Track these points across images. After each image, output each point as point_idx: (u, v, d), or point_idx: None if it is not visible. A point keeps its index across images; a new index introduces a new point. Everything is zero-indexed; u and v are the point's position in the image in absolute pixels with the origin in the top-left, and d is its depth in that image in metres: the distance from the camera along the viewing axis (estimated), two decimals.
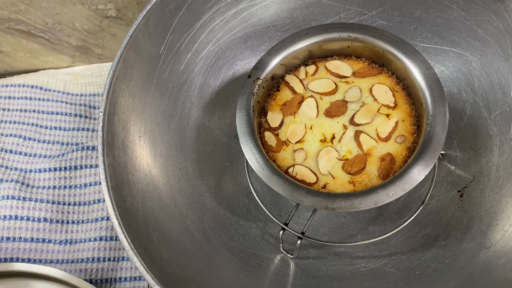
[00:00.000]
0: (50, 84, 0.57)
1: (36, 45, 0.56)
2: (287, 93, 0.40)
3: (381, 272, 0.41)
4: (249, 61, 0.48)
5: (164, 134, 0.43)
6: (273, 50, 0.40)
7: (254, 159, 0.36)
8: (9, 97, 0.55)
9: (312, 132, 0.38)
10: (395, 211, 0.44)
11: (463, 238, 0.40)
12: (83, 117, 0.55)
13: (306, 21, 0.47)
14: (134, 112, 0.41)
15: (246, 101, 0.38)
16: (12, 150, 0.52)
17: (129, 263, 0.47)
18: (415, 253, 0.41)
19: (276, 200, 0.46)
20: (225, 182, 0.46)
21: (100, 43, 0.57)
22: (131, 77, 0.40)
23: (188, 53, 0.45)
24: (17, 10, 0.51)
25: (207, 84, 0.47)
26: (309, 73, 0.41)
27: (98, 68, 0.61)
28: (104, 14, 0.53)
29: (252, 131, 0.37)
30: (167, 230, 0.39)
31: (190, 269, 0.37)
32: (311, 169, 0.37)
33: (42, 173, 0.50)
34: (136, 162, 0.40)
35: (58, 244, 0.47)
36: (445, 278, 0.38)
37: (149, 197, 0.39)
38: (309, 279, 0.41)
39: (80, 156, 0.51)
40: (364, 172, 0.36)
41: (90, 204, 0.50)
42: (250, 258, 0.42)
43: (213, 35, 0.46)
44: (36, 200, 0.48)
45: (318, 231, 0.44)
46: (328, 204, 0.34)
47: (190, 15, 0.43)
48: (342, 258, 0.42)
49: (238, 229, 0.44)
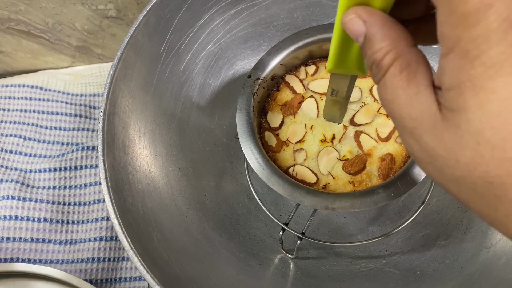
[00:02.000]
0: (50, 84, 0.57)
1: (36, 45, 0.56)
2: (287, 93, 0.40)
3: (381, 272, 0.41)
4: (249, 61, 0.48)
5: (164, 134, 0.43)
6: (273, 50, 0.40)
7: (254, 159, 0.36)
8: (9, 97, 0.55)
9: (312, 132, 0.38)
10: (395, 211, 0.44)
11: (463, 238, 0.40)
12: (83, 117, 0.55)
13: (306, 21, 0.47)
14: (134, 112, 0.41)
15: (246, 101, 0.38)
16: (12, 150, 0.52)
17: (129, 263, 0.47)
18: (415, 253, 0.41)
19: (276, 200, 0.46)
20: (225, 182, 0.46)
21: (100, 43, 0.57)
22: (131, 77, 0.40)
23: (188, 53, 0.45)
24: (17, 10, 0.51)
25: (207, 84, 0.47)
26: (309, 73, 0.41)
27: (98, 68, 0.61)
28: (104, 14, 0.53)
29: (252, 131, 0.37)
30: (167, 230, 0.38)
31: (190, 269, 0.37)
32: (311, 169, 0.37)
33: (42, 173, 0.50)
34: (136, 162, 0.40)
35: (58, 244, 0.47)
36: (445, 278, 0.38)
37: (149, 197, 0.39)
38: (309, 279, 0.41)
39: (80, 156, 0.51)
40: (364, 172, 0.36)
41: (90, 204, 0.50)
42: (250, 258, 0.42)
43: (213, 35, 0.46)
44: (36, 200, 0.48)
45: (318, 231, 0.44)
46: (328, 204, 0.34)
47: (190, 15, 0.43)
48: (342, 258, 0.42)
49: (238, 229, 0.44)
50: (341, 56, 0.25)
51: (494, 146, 0.16)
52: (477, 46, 0.16)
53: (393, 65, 0.19)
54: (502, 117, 0.16)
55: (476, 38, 0.16)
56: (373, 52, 0.20)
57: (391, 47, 0.19)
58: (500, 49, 0.15)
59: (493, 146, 0.16)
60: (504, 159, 0.16)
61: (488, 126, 0.16)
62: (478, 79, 0.16)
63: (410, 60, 0.19)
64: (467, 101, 0.16)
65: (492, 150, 0.16)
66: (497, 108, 0.16)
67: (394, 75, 0.19)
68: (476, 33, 0.16)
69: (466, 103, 0.16)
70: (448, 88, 0.17)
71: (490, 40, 0.15)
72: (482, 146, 0.16)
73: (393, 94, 0.19)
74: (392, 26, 0.20)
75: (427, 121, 0.18)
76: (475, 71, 0.16)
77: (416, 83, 0.19)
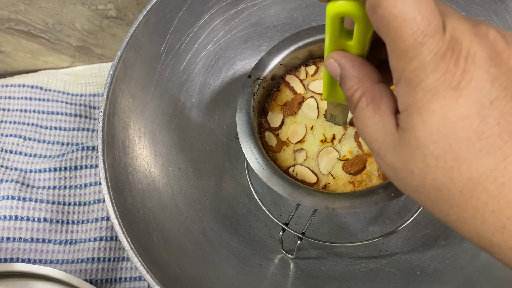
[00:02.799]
0: (50, 84, 0.57)
1: (36, 45, 0.56)
2: (288, 94, 0.40)
3: (382, 272, 0.41)
4: (249, 61, 0.48)
5: (164, 134, 0.43)
6: (273, 50, 0.40)
7: (254, 159, 0.36)
8: (9, 97, 0.55)
9: (312, 132, 0.38)
10: (395, 211, 0.44)
11: (464, 238, 0.40)
12: (83, 117, 0.55)
13: (306, 21, 0.47)
14: (134, 112, 0.41)
15: (246, 101, 0.38)
16: (12, 150, 0.52)
17: (129, 263, 0.47)
18: (415, 253, 0.41)
19: (276, 200, 0.46)
20: (225, 182, 0.46)
21: (100, 43, 0.57)
22: (131, 77, 0.40)
23: (188, 53, 0.45)
24: (17, 10, 0.51)
25: (207, 84, 0.47)
26: (309, 74, 0.41)
27: (98, 68, 0.61)
28: (104, 14, 0.53)
29: (252, 131, 0.37)
30: (167, 230, 0.38)
31: (190, 269, 0.37)
32: (311, 169, 0.37)
33: (42, 173, 0.50)
34: (136, 162, 0.40)
35: (58, 244, 0.47)
36: (446, 278, 0.38)
37: (149, 197, 0.39)
38: (309, 279, 0.41)
39: (80, 156, 0.51)
40: (364, 172, 0.36)
41: (90, 204, 0.50)
42: (250, 258, 0.42)
43: (213, 35, 0.46)
44: (36, 200, 0.48)
45: (318, 231, 0.44)
46: (329, 204, 0.33)
47: (190, 15, 0.43)
48: (342, 258, 0.42)
49: (238, 229, 0.44)
50: (331, 89, 0.29)
51: (437, 157, 0.19)
52: (417, 75, 0.19)
53: (361, 99, 0.23)
54: (441, 132, 0.19)
55: (415, 69, 0.19)
56: (346, 89, 0.24)
57: (359, 85, 0.23)
58: (435, 77, 0.18)
59: (436, 157, 0.19)
60: (446, 168, 0.19)
61: (430, 141, 0.19)
62: (421, 102, 0.19)
63: (375, 95, 0.23)
64: (414, 121, 0.20)
65: (436, 161, 0.19)
66: (436, 125, 0.19)
67: (362, 108, 0.23)
68: (415, 65, 0.19)
69: (413, 123, 0.20)
70: (402, 111, 0.20)
71: (426, 70, 0.19)
72: (428, 158, 0.19)
73: (362, 123, 0.23)
74: (360, 67, 0.24)
75: (389, 142, 0.21)
76: (418, 96, 0.19)
77: (380, 113, 0.22)
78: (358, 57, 0.24)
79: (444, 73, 0.18)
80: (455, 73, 0.18)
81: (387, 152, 0.22)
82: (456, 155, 0.19)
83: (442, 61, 0.18)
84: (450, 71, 0.18)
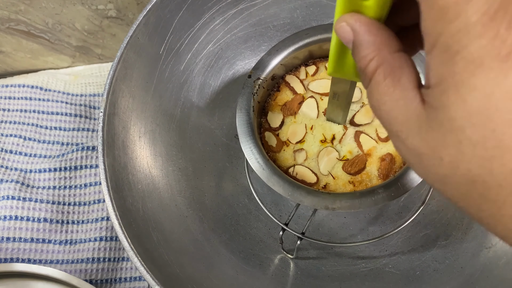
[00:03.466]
0: (50, 84, 0.57)
1: (36, 45, 0.56)
2: (288, 94, 0.40)
3: (382, 272, 0.41)
4: (249, 61, 0.48)
5: (164, 134, 0.43)
6: (273, 50, 0.40)
7: (254, 159, 0.36)
8: (9, 98, 0.55)
9: (312, 132, 0.38)
10: (395, 211, 0.44)
11: (464, 238, 0.40)
12: (83, 117, 0.55)
13: (306, 21, 0.47)
14: (134, 112, 0.41)
15: (246, 101, 0.38)
16: (12, 151, 0.52)
17: (129, 263, 0.47)
18: (415, 253, 0.41)
19: (276, 201, 0.46)
20: (225, 182, 0.46)
21: (100, 43, 0.57)
22: (131, 77, 0.40)
23: (188, 53, 0.45)
24: (17, 10, 0.51)
25: (207, 84, 0.47)
26: (309, 74, 0.41)
27: (98, 68, 0.61)
28: (104, 14, 0.53)
29: (252, 131, 0.37)
30: (167, 230, 0.38)
31: (190, 269, 0.37)
32: (311, 169, 0.37)
33: (42, 173, 0.50)
34: (136, 162, 0.40)
35: (58, 245, 0.47)
36: (446, 278, 0.38)
37: (149, 197, 0.39)
38: (309, 279, 0.41)
39: (80, 156, 0.51)
40: (364, 172, 0.36)
41: (90, 204, 0.50)
42: (250, 258, 0.42)
43: (213, 35, 0.46)
44: (36, 200, 0.48)
45: (318, 232, 0.44)
46: (328, 204, 0.33)
47: (190, 15, 0.43)
48: (342, 258, 0.42)
49: (238, 229, 0.44)
50: (339, 61, 0.25)
51: (475, 144, 0.16)
52: (458, 40, 0.15)
53: (377, 71, 0.19)
54: (483, 115, 0.15)
55: (456, 32, 0.15)
56: (359, 59, 0.20)
57: (375, 54, 0.19)
58: (480, 43, 0.15)
59: (474, 144, 0.16)
60: (485, 158, 0.16)
61: (469, 124, 0.16)
62: (460, 74, 0.16)
63: (394, 66, 0.19)
64: (449, 98, 0.16)
65: (474, 148, 0.16)
66: (477, 105, 0.15)
67: (378, 81, 0.19)
68: (456, 27, 0.15)
69: (448, 100, 0.16)
70: (433, 85, 0.17)
71: (470, 34, 0.15)
72: (464, 144, 0.16)
73: (379, 100, 0.19)
74: (377, 33, 0.20)
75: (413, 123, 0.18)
76: (457, 67, 0.16)
77: (400, 87, 0.19)
78: (375, 21, 0.20)
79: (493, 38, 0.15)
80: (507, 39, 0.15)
81: (409, 134, 0.18)
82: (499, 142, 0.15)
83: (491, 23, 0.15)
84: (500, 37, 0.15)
